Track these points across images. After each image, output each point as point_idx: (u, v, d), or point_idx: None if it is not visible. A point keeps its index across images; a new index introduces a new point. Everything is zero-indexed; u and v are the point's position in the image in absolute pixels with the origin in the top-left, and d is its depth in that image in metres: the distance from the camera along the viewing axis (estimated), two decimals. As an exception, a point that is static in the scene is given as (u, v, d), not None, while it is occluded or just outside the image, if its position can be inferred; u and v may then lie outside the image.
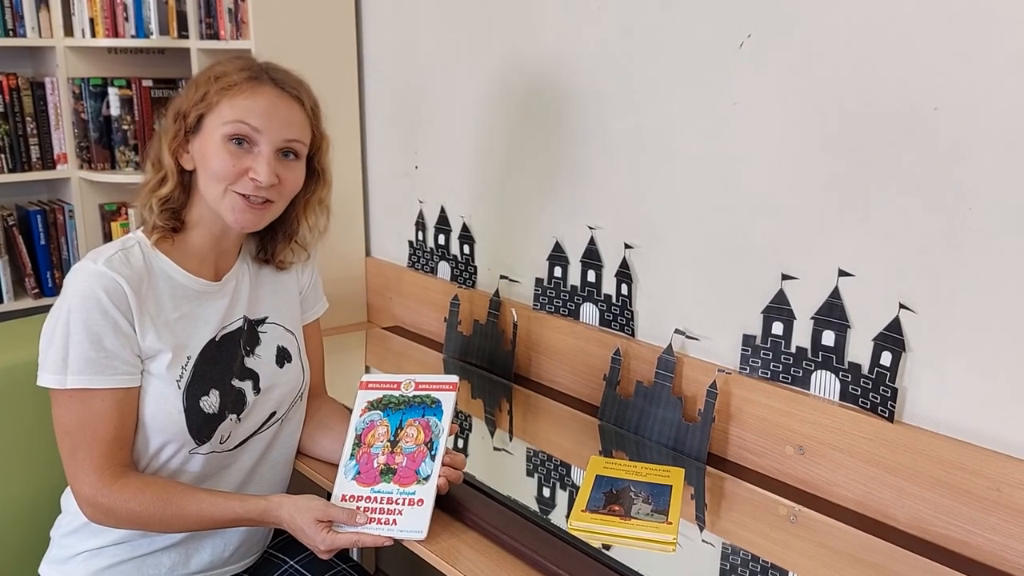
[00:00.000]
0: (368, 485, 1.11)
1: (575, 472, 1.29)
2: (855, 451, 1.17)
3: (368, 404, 1.15)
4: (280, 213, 1.17)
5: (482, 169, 1.72)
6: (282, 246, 1.23)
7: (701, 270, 1.35)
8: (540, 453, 1.36)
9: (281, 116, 1.09)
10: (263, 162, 1.08)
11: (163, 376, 1.10)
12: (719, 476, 1.28)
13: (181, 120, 1.10)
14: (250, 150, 1.09)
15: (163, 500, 1.07)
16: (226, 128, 1.08)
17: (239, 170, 1.08)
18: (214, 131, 1.08)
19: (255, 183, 1.08)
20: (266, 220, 1.15)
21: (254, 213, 1.11)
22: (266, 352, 1.21)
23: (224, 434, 1.16)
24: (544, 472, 1.29)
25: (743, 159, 1.27)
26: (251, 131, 1.08)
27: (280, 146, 1.10)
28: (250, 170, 1.08)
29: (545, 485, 1.24)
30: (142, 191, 1.14)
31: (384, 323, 2.01)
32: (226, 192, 1.09)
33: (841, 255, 1.17)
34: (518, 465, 1.32)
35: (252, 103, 1.08)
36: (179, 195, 1.12)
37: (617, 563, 1.03)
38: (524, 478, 1.27)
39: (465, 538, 1.11)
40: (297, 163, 1.13)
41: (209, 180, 1.09)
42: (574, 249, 1.54)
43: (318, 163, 1.18)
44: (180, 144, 1.11)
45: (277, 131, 1.09)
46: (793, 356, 1.24)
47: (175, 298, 1.13)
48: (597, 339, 1.50)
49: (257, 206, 1.11)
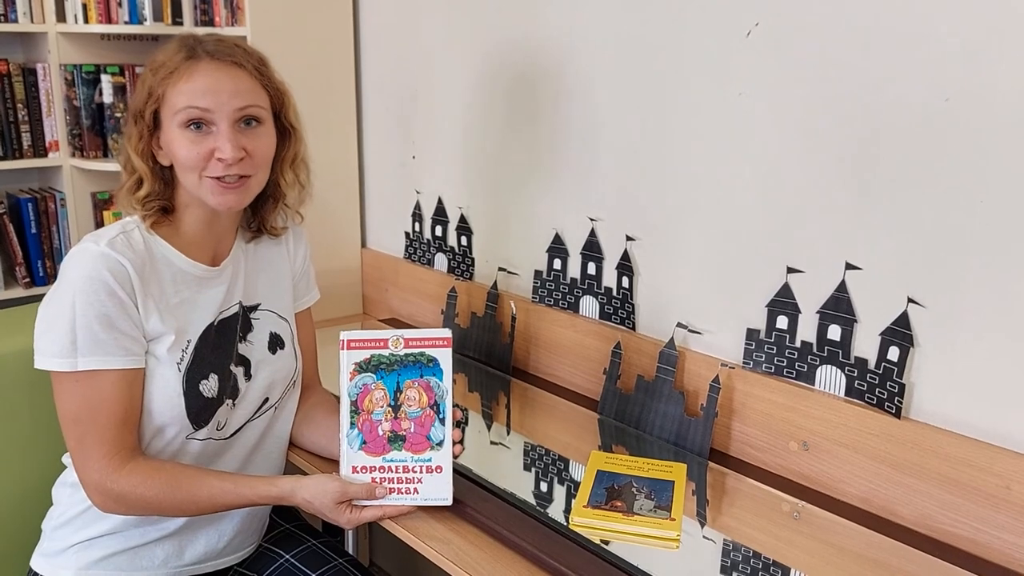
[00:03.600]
0: (378, 454, 1.09)
1: (574, 467, 1.27)
2: (861, 447, 1.15)
3: (356, 366, 1.08)
4: (263, 183, 1.14)
5: (481, 159, 1.70)
6: (271, 211, 1.21)
7: (704, 263, 1.33)
8: (538, 447, 1.34)
9: (226, 88, 1.06)
10: (224, 139, 1.06)
11: (164, 359, 1.09)
12: (721, 472, 1.26)
13: (140, 121, 1.09)
14: (209, 131, 1.06)
15: (174, 485, 1.07)
16: (178, 117, 1.06)
17: (204, 154, 1.06)
18: (170, 123, 1.07)
19: (223, 163, 1.06)
20: (250, 195, 1.13)
21: (234, 192, 1.09)
22: (258, 338, 1.20)
23: (221, 420, 1.15)
24: (543, 467, 1.27)
25: (748, 150, 1.25)
26: (202, 113, 1.06)
27: (236, 117, 1.07)
28: (215, 151, 1.06)
29: (544, 480, 1.23)
30: (120, 194, 1.13)
31: (380, 315, 2.00)
32: (200, 179, 1.08)
33: (848, 248, 1.15)
34: (516, 459, 1.30)
35: (194, 84, 1.05)
36: (161, 189, 1.11)
37: (620, 559, 1.01)
38: (522, 473, 1.25)
39: (464, 533, 1.09)
40: (262, 128, 1.11)
41: (182, 171, 1.08)
42: (574, 241, 1.53)
43: (285, 119, 1.15)
44: (148, 144, 1.09)
45: (227, 104, 1.06)
46: (798, 351, 1.23)
47: (175, 283, 1.12)
48: (597, 332, 1.49)
49: (233, 185, 1.08)
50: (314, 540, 1.32)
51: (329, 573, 1.26)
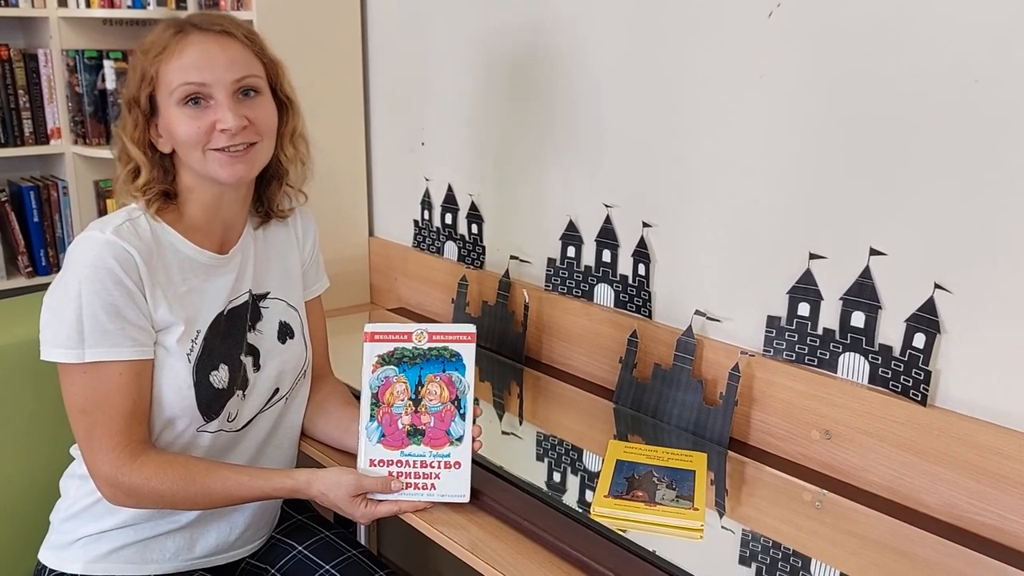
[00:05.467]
0: (396, 448, 1.07)
1: (590, 457, 1.25)
2: (885, 435, 1.14)
3: (379, 359, 1.08)
4: (270, 153, 1.12)
5: (492, 145, 1.67)
6: (275, 191, 1.19)
7: (723, 250, 1.31)
8: (554, 437, 1.32)
9: (219, 59, 1.04)
10: (224, 109, 1.04)
11: (173, 349, 1.07)
12: (740, 461, 1.25)
13: (135, 108, 1.06)
14: (208, 105, 1.04)
15: (187, 478, 1.05)
16: (175, 96, 1.04)
17: (206, 128, 1.04)
18: (168, 104, 1.05)
19: (226, 133, 1.04)
20: (258, 163, 1.10)
21: (242, 161, 1.07)
22: (268, 327, 1.19)
23: (232, 411, 1.13)
24: (559, 457, 1.25)
25: (769, 133, 1.22)
26: (198, 87, 1.04)
27: (234, 88, 1.05)
28: (217, 122, 1.04)
29: (561, 470, 1.21)
30: (117, 184, 1.10)
31: (388, 304, 1.98)
32: (205, 153, 1.05)
33: (873, 233, 1.13)
34: (532, 449, 1.29)
35: (186, 59, 1.03)
36: (160, 176, 1.09)
37: (643, 550, 1.00)
38: (538, 462, 1.23)
39: (483, 524, 1.07)
40: (261, 98, 1.09)
41: (186, 150, 1.06)
42: (589, 228, 1.50)
43: (281, 92, 1.13)
44: (144, 132, 1.07)
45: (223, 74, 1.04)
46: (820, 338, 1.21)
47: (183, 271, 1.09)
48: (612, 321, 1.47)
49: (240, 154, 1.06)
50: (327, 531, 1.30)
51: (343, 565, 1.24)
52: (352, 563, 1.25)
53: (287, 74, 1.14)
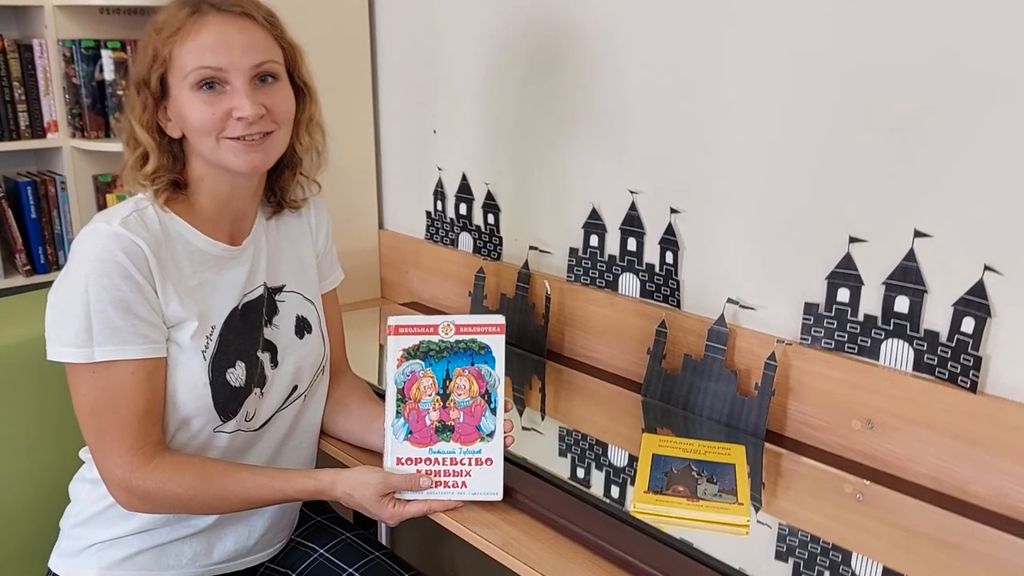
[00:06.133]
0: (425, 445, 1.04)
1: (620, 452, 1.21)
2: (932, 423, 1.10)
3: (404, 353, 1.04)
4: (286, 142, 1.07)
5: (508, 132, 1.62)
6: (288, 180, 1.15)
7: (756, 235, 1.27)
8: (579, 432, 1.28)
9: (238, 42, 0.99)
10: (242, 96, 0.99)
11: (187, 347, 1.03)
12: (776, 453, 1.21)
13: (144, 89, 1.02)
14: (223, 90, 1.00)
15: (205, 480, 1.02)
16: (189, 79, 0.99)
17: (221, 115, 0.99)
18: (180, 87, 1.00)
19: (243, 121, 1.00)
20: (274, 153, 1.06)
21: (258, 151, 1.02)
22: (284, 322, 1.15)
23: (250, 411, 1.09)
24: (588, 452, 1.21)
25: (805, 111, 1.18)
26: (214, 72, 0.99)
27: (251, 74, 1.00)
28: (232, 110, 1.00)
29: (592, 465, 1.17)
30: (124, 171, 1.06)
31: (400, 299, 1.94)
32: (219, 142, 1.01)
33: (917, 214, 1.09)
34: (559, 444, 1.24)
35: (202, 41, 0.98)
36: (169, 163, 1.05)
37: (692, 548, 0.96)
38: (567, 458, 1.19)
39: (516, 522, 1.03)
40: (279, 84, 1.04)
41: (198, 137, 1.01)
42: (613, 216, 1.46)
43: (299, 78, 1.09)
44: (153, 115, 1.03)
45: (240, 59, 0.99)
46: (861, 324, 1.17)
47: (194, 263, 1.05)
48: (638, 311, 1.43)
49: (256, 143, 1.02)
50: (348, 533, 1.27)
51: (366, 567, 1.20)
52: (376, 565, 1.21)
53: (306, 59, 1.10)
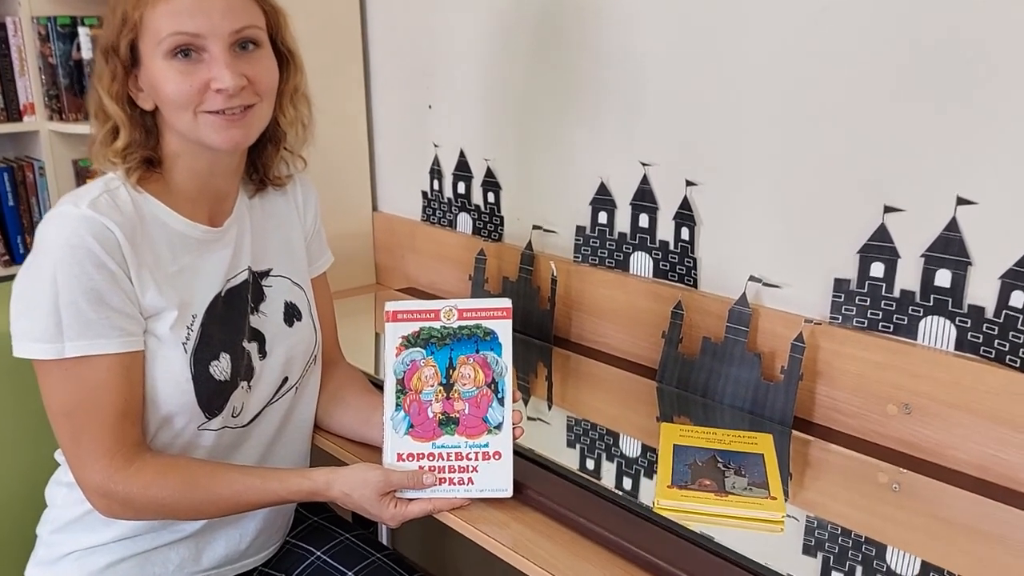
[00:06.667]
0: (427, 439, 0.97)
1: (634, 442, 1.14)
2: (975, 407, 1.02)
3: (404, 340, 0.98)
4: (269, 115, 1.00)
5: (508, 104, 1.54)
6: (272, 156, 1.08)
7: (781, 208, 1.19)
8: (593, 422, 1.20)
9: (216, 5, 0.91)
10: (220, 66, 0.91)
11: (167, 338, 0.95)
12: (805, 441, 1.14)
13: (113, 57, 0.94)
14: (200, 59, 0.92)
15: (190, 483, 0.95)
16: (163, 46, 0.91)
17: (198, 86, 0.92)
18: (153, 55, 0.92)
19: (222, 94, 0.92)
20: (257, 128, 0.99)
21: (239, 126, 0.95)
22: (272, 309, 1.08)
23: (237, 406, 1.02)
24: (602, 443, 1.14)
25: (834, 72, 1.10)
26: (190, 38, 0.91)
27: (231, 40, 0.92)
28: (211, 81, 0.92)
29: (605, 457, 1.09)
30: (94, 147, 0.98)
31: (396, 284, 1.86)
32: (196, 116, 0.93)
33: (959, 180, 1.01)
34: (571, 435, 1.17)
35: (176, 4, 0.90)
36: (142, 138, 0.97)
37: (723, 548, 0.88)
38: (580, 450, 1.11)
39: (528, 521, 0.96)
40: (261, 51, 0.97)
41: (173, 110, 0.94)
42: (623, 190, 1.39)
43: (283, 45, 1.01)
44: (123, 85, 0.95)
45: (219, 25, 0.91)
46: (896, 301, 1.09)
47: (172, 248, 0.98)
48: (651, 292, 1.35)
49: (237, 117, 0.94)
50: (347, 533, 1.20)
51: (367, 570, 1.13)
52: (377, 567, 1.14)
53: (289, 24, 1.02)
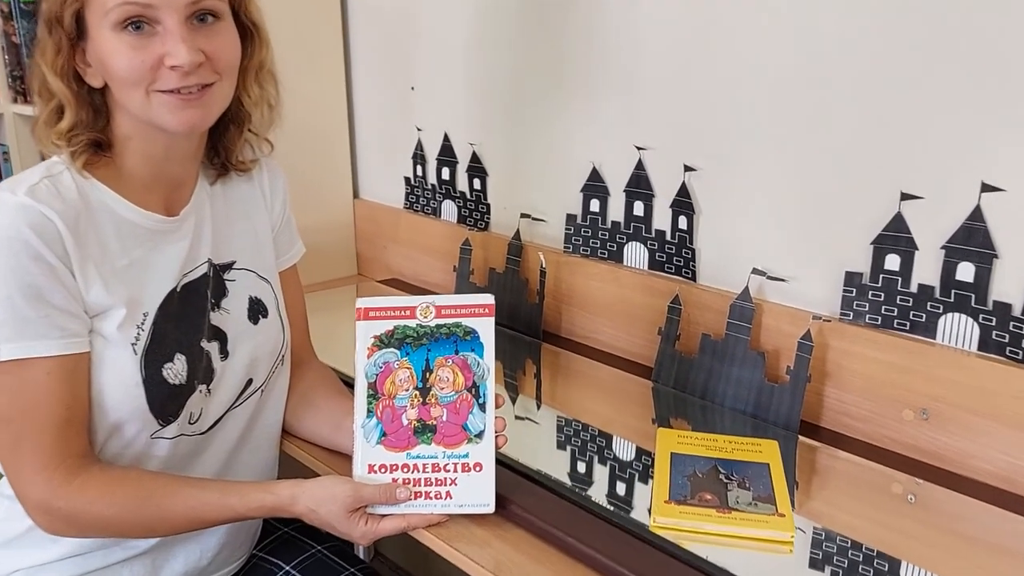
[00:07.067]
0: (402, 449, 0.91)
1: (629, 448, 1.07)
2: (1000, 413, 0.96)
3: (376, 340, 0.93)
4: (230, 94, 0.94)
5: (496, 85, 1.49)
6: (235, 138, 1.01)
7: (787, 193, 1.13)
8: (582, 422, 1.14)
9: None
10: (175, 40, 0.84)
11: (115, 339, 0.89)
12: (812, 447, 1.07)
13: (57, 28, 0.87)
14: (153, 31, 0.85)
15: (140, 499, 0.90)
16: (111, 17, 0.84)
17: (150, 62, 0.85)
18: (100, 26, 0.85)
19: (177, 71, 0.85)
20: (216, 109, 0.92)
21: (196, 106, 0.88)
22: (235, 305, 1.01)
23: (194, 411, 0.96)
24: (591, 450, 1.07)
25: (843, 48, 1.03)
26: (141, 9, 0.84)
27: (188, 12, 0.86)
28: (164, 56, 0.85)
29: (594, 467, 1.02)
30: (37, 128, 0.91)
31: (378, 276, 1.82)
32: (149, 95, 0.87)
33: (984, 163, 0.94)
34: (559, 441, 1.10)
35: None
36: (89, 118, 0.90)
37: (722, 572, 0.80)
38: (568, 458, 1.05)
39: (511, 539, 0.89)
40: (221, 24, 0.90)
41: (123, 89, 0.87)
42: (616, 176, 1.33)
43: (246, 17, 0.94)
44: (69, 60, 0.88)
45: None
46: (913, 296, 1.02)
47: (122, 239, 0.91)
48: (647, 286, 1.29)
49: (194, 97, 0.88)
50: (319, 546, 1.13)
51: (340, 587, 1.06)
52: (351, 584, 1.07)
53: None
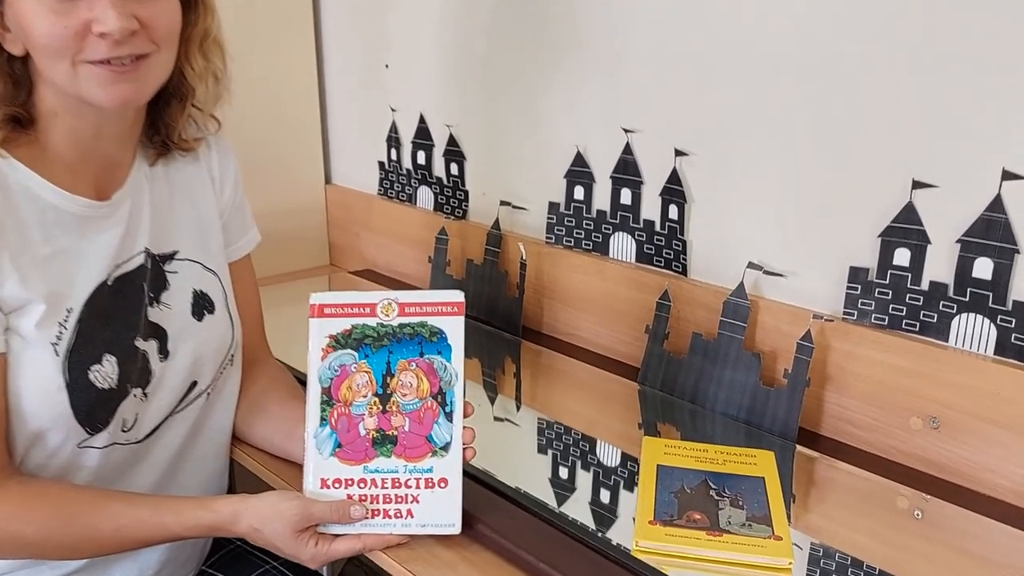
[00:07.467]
0: (358, 462, 0.86)
1: (613, 455, 1.02)
2: (1018, 424, 0.90)
3: (332, 340, 0.87)
4: (169, 66, 0.88)
5: (474, 63, 1.44)
6: (177, 114, 0.95)
7: (787, 181, 1.07)
8: (564, 425, 1.08)
9: None
10: (104, 5, 0.78)
11: (33, 338, 0.83)
12: (810, 457, 1.01)
13: None
14: None
15: (63, 517, 0.84)
16: None
17: (76, 28, 0.78)
18: None
19: (107, 39, 0.78)
20: (152, 82, 0.86)
21: (129, 80, 0.82)
22: (177, 300, 0.95)
23: (128, 417, 0.89)
24: (571, 458, 1.00)
25: (851, 20, 0.97)
26: None
27: None
28: (91, 23, 0.78)
29: (573, 479, 0.96)
30: None
31: (351, 266, 1.78)
32: (75, 67, 0.80)
33: (1004, 149, 0.88)
34: (534, 449, 1.04)
35: None
36: (8, 92, 0.83)
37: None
38: (544, 471, 0.98)
39: (479, 562, 0.83)
40: None
41: (46, 58, 0.80)
42: (602, 161, 1.28)
43: None
44: None
45: None
46: (925, 295, 0.97)
47: (45, 226, 0.85)
48: (634, 279, 1.25)
49: (127, 69, 0.82)
50: (273, 560, 1.07)
51: (295, 606, 1.01)
52: (308, 603, 1.02)
53: None
